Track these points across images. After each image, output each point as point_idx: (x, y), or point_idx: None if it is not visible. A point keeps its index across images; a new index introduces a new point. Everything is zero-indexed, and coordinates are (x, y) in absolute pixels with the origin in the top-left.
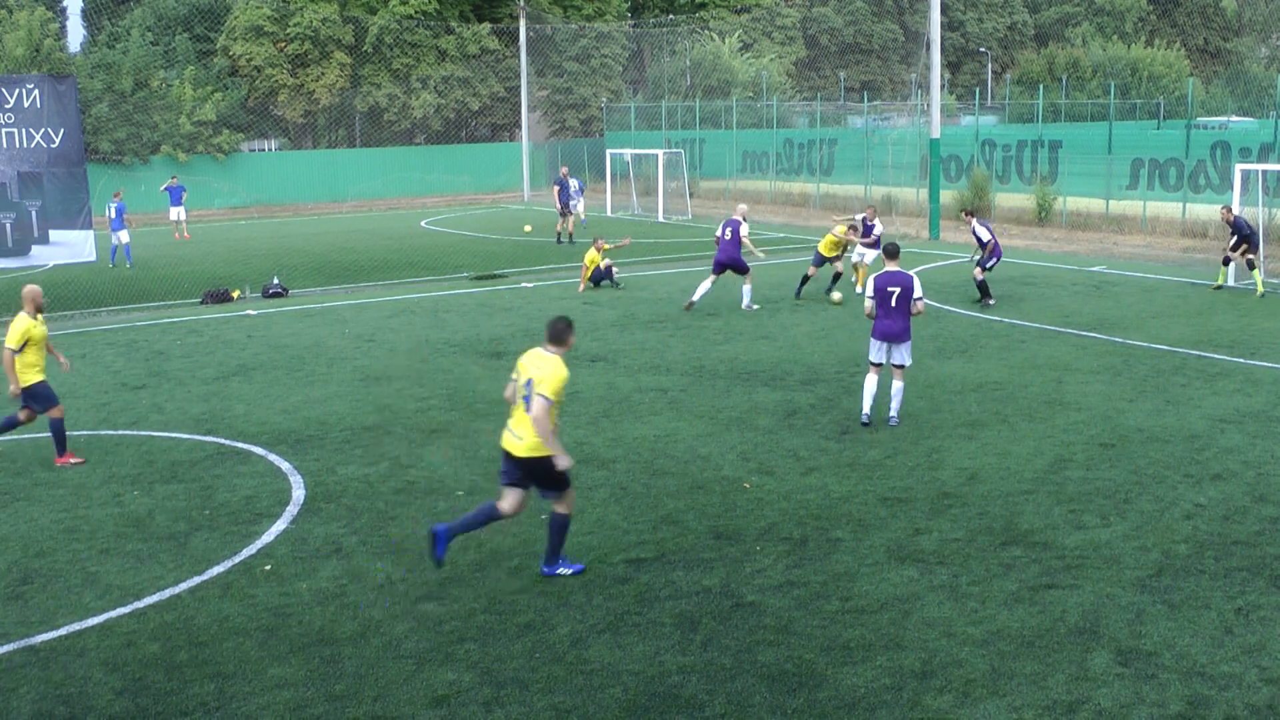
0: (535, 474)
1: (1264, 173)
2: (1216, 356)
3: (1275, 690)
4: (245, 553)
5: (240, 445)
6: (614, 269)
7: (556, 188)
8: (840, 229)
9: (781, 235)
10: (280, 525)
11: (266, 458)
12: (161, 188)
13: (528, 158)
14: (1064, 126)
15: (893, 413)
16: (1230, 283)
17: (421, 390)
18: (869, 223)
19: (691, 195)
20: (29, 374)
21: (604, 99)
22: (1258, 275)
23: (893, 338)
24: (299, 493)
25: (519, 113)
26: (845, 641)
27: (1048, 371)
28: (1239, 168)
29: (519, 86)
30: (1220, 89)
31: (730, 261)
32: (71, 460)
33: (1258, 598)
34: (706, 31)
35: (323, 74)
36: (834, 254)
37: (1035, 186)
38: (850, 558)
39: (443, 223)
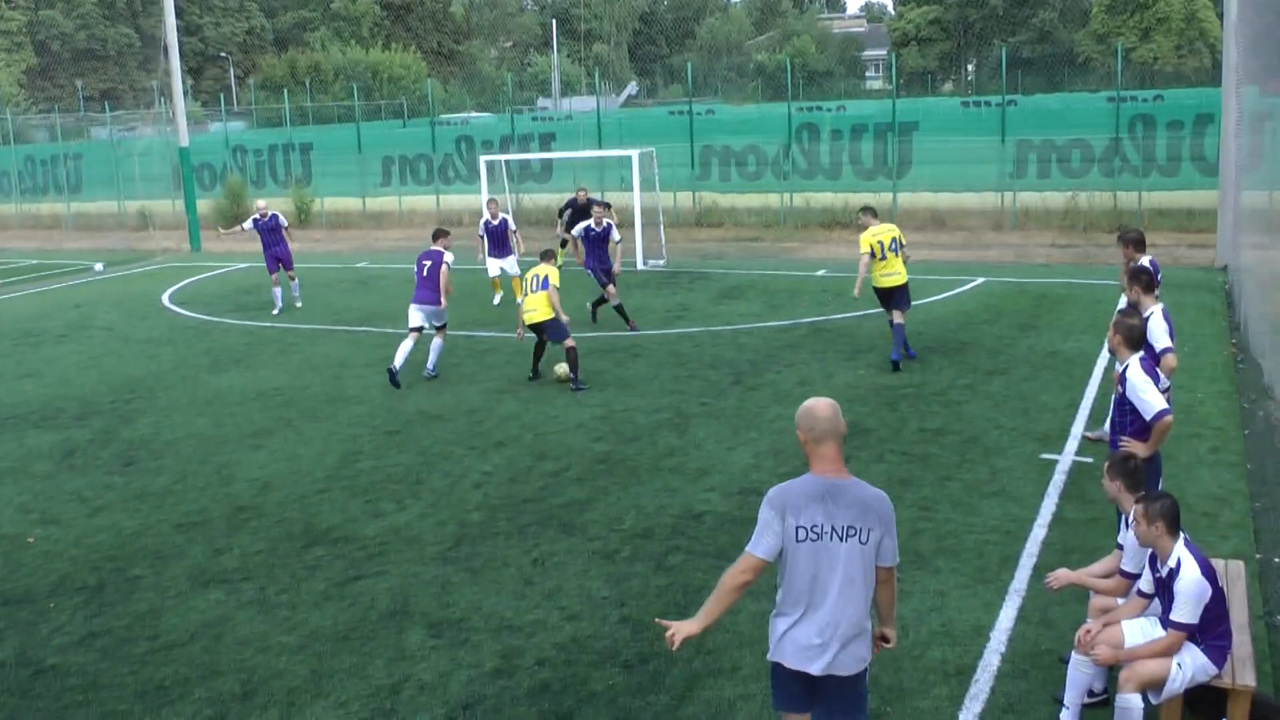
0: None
1: (506, 162)
2: (482, 334)
3: (576, 625)
4: None
5: None
6: None
7: None
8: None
9: (35, 262)
10: None
11: None
12: None
13: None
14: (314, 129)
15: (430, 366)
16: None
17: None
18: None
19: None
20: None
21: None
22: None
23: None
24: None
25: None
26: (159, 682)
27: (326, 370)
28: (483, 159)
29: None
30: (458, 88)
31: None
32: None
33: (550, 546)
34: None
35: None
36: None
37: (292, 190)
38: (153, 594)
39: None
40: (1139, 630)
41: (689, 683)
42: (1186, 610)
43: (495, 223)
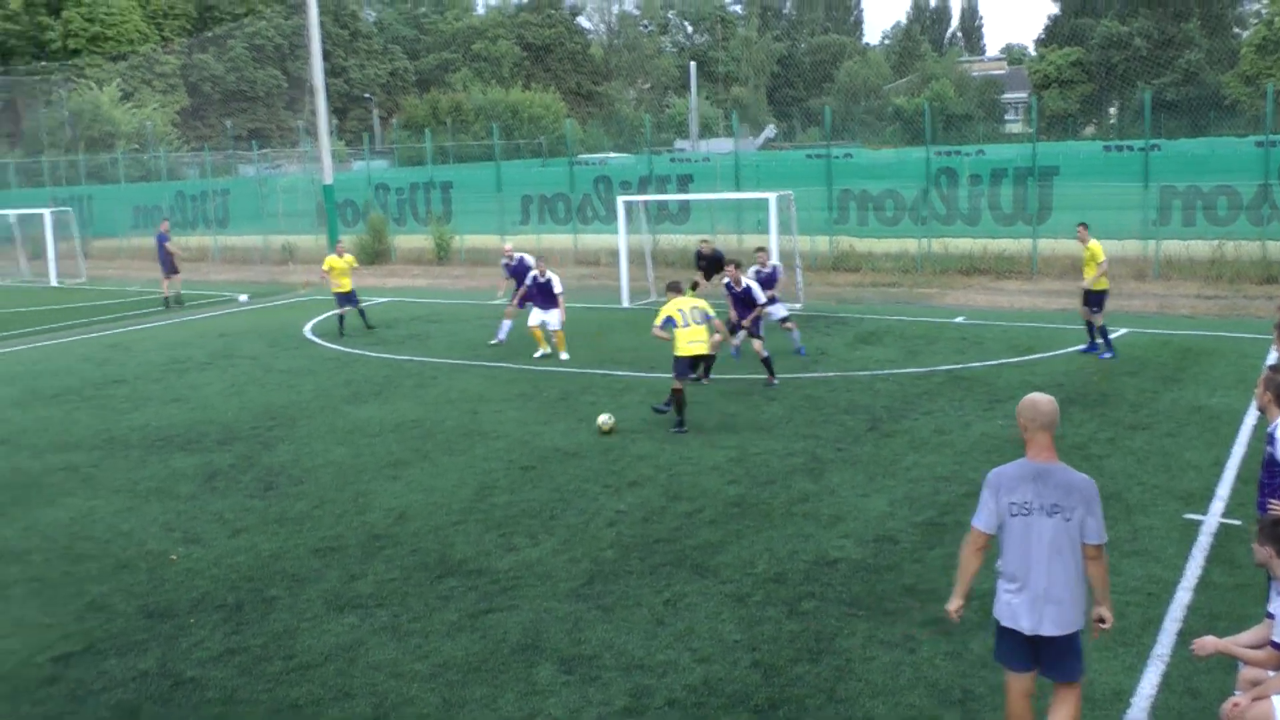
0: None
1: (644, 204)
2: (620, 373)
3: (707, 668)
4: None
5: None
6: None
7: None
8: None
9: (184, 293)
10: None
11: None
12: None
13: None
14: (454, 168)
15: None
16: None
17: None
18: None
19: (85, 256)
20: None
21: None
22: None
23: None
24: None
25: None
26: (293, 701)
27: (462, 404)
28: (621, 199)
29: None
30: (597, 128)
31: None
32: None
33: (683, 587)
34: (83, 80)
35: None
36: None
37: (432, 227)
38: (289, 615)
39: None
40: None
41: None
42: None
43: (542, 279)
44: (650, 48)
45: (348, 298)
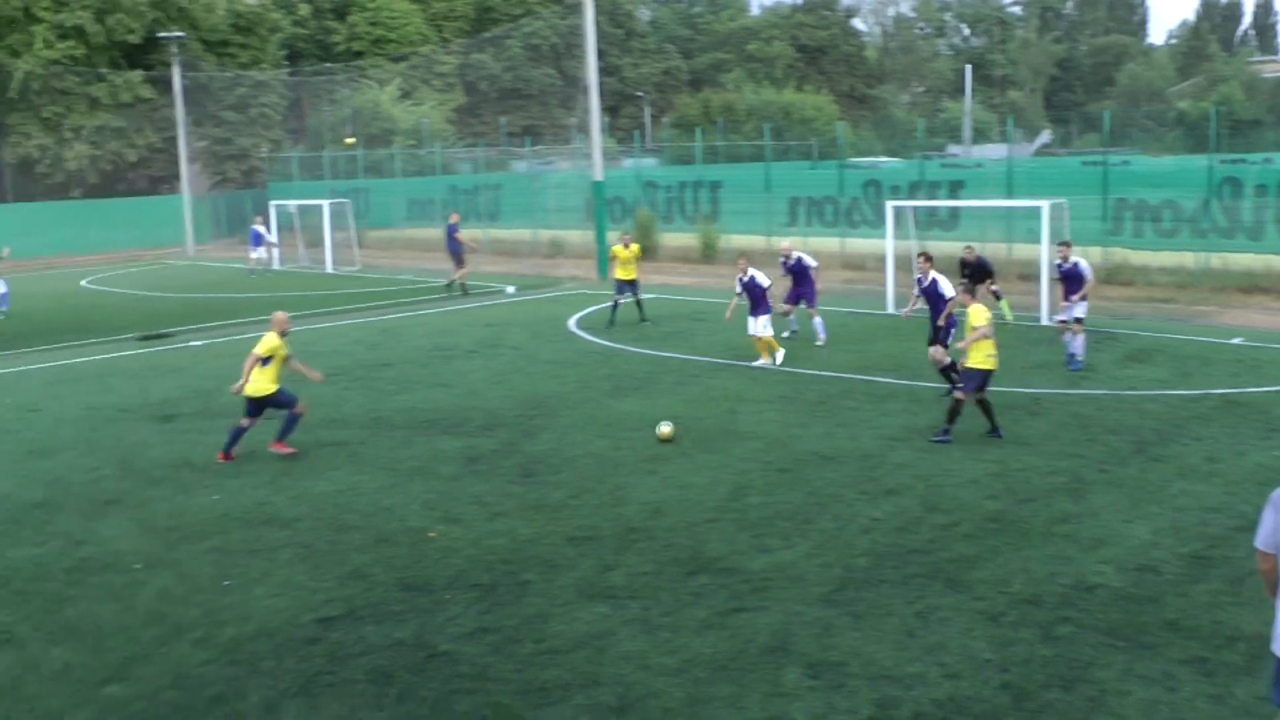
0: None
1: (914, 209)
2: (882, 380)
3: (956, 684)
4: None
5: None
6: None
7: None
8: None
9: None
10: None
11: None
12: None
13: (190, 210)
14: (723, 167)
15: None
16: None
17: (91, 460)
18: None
19: (359, 245)
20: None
21: (265, 149)
22: (1005, 305)
23: None
24: None
25: (178, 164)
26: (542, 683)
27: (722, 403)
28: (890, 204)
29: (176, 137)
30: (868, 132)
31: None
32: None
33: (935, 600)
34: (365, 80)
35: None
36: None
37: (699, 225)
38: (541, 599)
39: (104, 281)
40: None
41: None
42: None
43: (745, 279)
44: (926, 50)
45: (629, 285)
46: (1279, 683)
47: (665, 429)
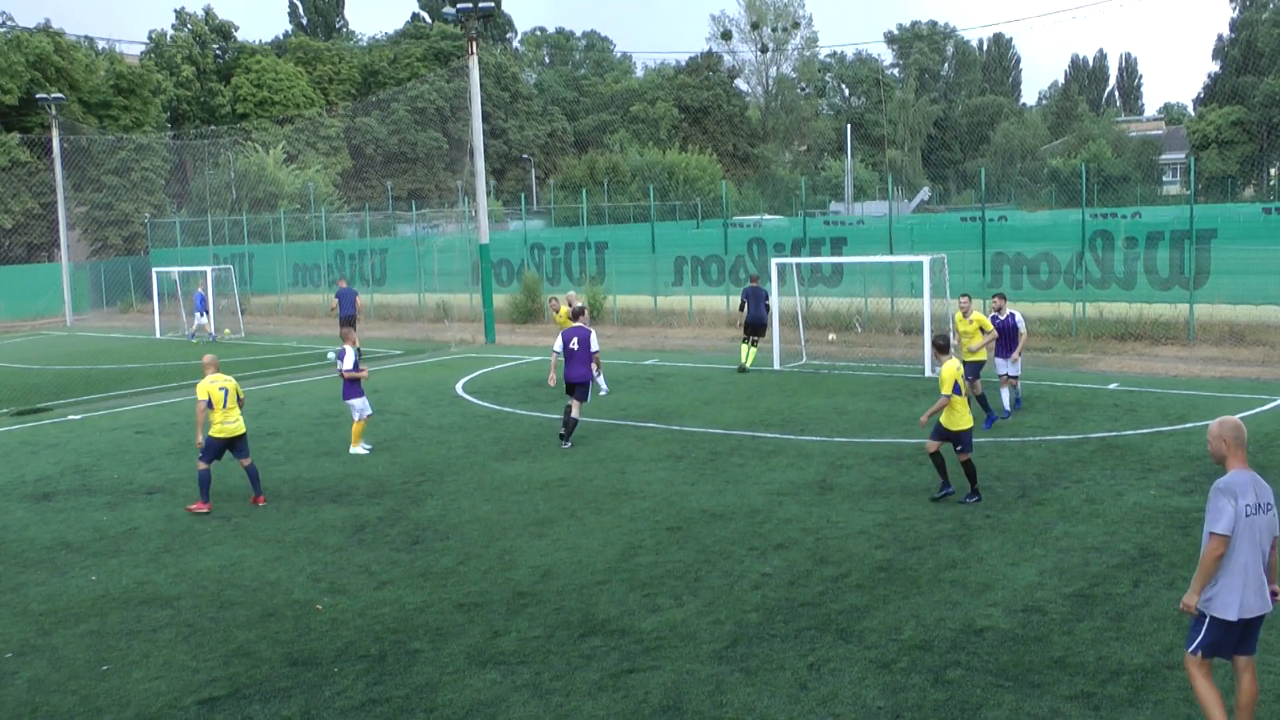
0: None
1: (797, 265)
2: (769, 435)
3: None
4: None
5: None
6: None
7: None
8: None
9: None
10: None
11: None
12: None
13: (69, 279)
14: (609, 228)
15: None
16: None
17: None
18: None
19: (244, 312)
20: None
21: (147, 214)
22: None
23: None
24: None
25: (57, 230)
26: None
27: (611, 464)
28: (775, 261)
29: (55, 202)
30: (751, 190)
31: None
32: None
33: (827, 651)
34: (250, 142)
35: None
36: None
37: (585, 287)
38: (431, 668)
39: None
40: None
41: None
42: None
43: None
44: (807, 110)
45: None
46: (1214, 639)
47: None
